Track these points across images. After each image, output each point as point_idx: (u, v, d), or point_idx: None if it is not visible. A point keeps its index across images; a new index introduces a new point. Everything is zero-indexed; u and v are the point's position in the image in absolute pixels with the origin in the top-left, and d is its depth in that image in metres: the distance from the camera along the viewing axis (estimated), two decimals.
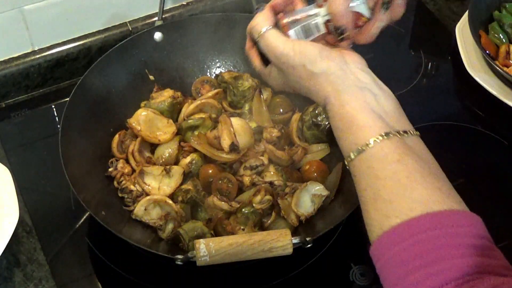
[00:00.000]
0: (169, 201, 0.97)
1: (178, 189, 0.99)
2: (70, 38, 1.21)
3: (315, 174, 1.01)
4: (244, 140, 1.01)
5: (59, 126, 0.98)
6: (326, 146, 1.04)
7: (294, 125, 1.04)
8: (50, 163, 1.09)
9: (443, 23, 1.34)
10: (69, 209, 1.03)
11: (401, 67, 1.28)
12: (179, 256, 0.83)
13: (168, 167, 0.99)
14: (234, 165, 1.02)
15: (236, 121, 1.03)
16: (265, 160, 1.01)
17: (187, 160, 1.01)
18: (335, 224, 0.89)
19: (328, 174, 1.01)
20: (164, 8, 1.21)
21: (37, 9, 1.14)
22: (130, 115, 1.05)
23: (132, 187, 0.99)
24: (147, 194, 0.98)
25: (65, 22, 1.18)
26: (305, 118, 1.03)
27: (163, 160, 1.03)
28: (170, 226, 0.95)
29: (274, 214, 0.96)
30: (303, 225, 0.96)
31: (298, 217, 0.96)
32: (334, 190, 0.98)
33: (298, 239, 0.83)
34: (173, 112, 1.08)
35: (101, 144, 1.05)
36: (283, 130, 1.05)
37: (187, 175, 1.01)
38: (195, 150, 1.02)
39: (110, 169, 1.02)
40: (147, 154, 1.04)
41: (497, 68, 1.12)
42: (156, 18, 1.19)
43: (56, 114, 1.19)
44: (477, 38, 1.17)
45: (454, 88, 1.26)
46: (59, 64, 1.21)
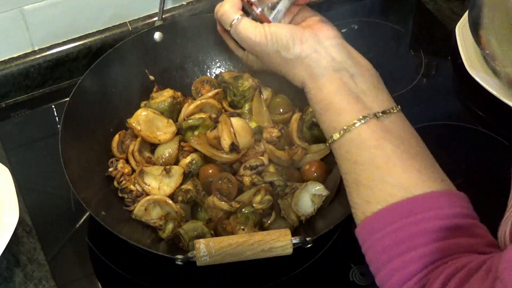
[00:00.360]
0: (169, 201, 0.97)
1: (178, 189, 0.99)
2: (70, 38, 1.20)
3: (315, 174, 1.00)
4: (244, 140, 1.01)
5: (59, 126, 0.98)
6: (326, 146, 1.04)
7: (294, 125, 1.04)
8: (50, 163, 1.08)
9: (443, 23, 1.33)
10: (69, 209, 1.03)
11: (401, 67, 1.28)
12: (179, 256, 0.83)
13: (168, 167, 0.99)
14: (234, 165, 1.02)
15: (236, 121, 1.03)
16: (265, 160, 1.01)
17: (187, 160, 1.01)
18: (335, 224, 0.89)
19: (328, 174, 1.01)
20: (164, 8, 1.21)
21: (37, 9, 1.14)
22: (130, 115, 1.05)
23: (132, 187, 0.99)
24: (147, 194, 0.98)
25: (65, 22, 1.18)
26: (305, 118, 1.03)
27: (163, 160, 1.03)
28: (170, 226, 0.95)
29: (274, 214, 0.96)
30: (303, 225, 0.96)
31: (298, 217, 0.96)
32: (334, 190, 0.98)
33: (298, 239, 0.83)
34: (173, 112, 1.08)
35: (101, 144, 1.05)
36: (283, 130, 1.04)
37: (187, 175, 1.01)
38: (195, 150, 1.02)
39: (110, 169, 1.02)
40: (147, 154, 1.04)
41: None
42: (156, 18, 1.19)
43: (56, 114, 1.19)
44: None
45: (454, 88, 1.26)
46: (59, 64, 1.20)
